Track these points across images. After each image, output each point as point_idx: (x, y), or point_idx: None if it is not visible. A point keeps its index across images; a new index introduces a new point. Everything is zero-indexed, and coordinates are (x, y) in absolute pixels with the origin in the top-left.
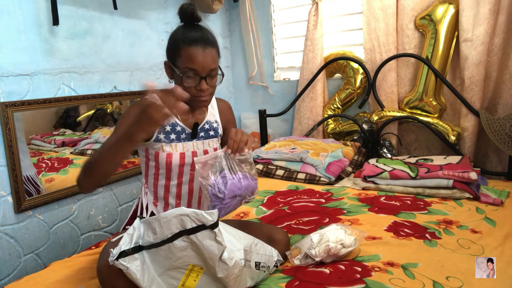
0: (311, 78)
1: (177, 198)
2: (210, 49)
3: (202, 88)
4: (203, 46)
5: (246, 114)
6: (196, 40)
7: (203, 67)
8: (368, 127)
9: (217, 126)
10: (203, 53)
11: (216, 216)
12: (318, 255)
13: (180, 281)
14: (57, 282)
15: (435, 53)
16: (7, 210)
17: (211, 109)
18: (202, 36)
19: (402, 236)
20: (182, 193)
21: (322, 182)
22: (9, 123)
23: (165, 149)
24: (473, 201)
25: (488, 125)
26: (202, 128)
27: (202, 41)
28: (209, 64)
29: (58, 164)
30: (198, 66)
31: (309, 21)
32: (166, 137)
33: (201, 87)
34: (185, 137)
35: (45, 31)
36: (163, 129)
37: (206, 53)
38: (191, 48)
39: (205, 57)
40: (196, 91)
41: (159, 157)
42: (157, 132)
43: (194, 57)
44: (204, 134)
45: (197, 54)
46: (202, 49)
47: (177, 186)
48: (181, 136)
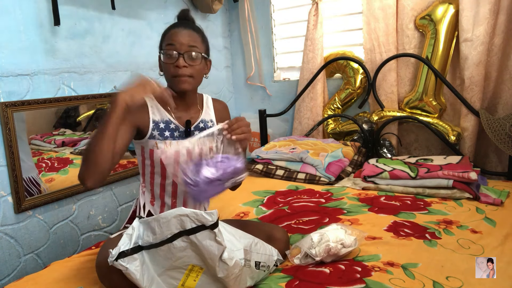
0: (311, 78)
1: (173, 197)
2: (191, 31)
3: (179, 63)
4: (184, 27)
5: (246, 114)
6: (179, 24)
7: (181, 43)
8: (368, 127)
9: (212, 125)
10: (183, 31)
11: (216, 216)
12: (318, 255)
13: (180, 281)
14: (57, 282)
15: (435, 53)
16: (7, 210)
17: (206, 109)
18: (185, 22)
19: (402, 236)
20: (178, 192)
21: (322, 182)
22: (9, 123)
23: (159, 146)
24: (473, 201)
25: (488, 125)
26: (197, 127)
27: (184, 24)
28: (187, 41)
29: (58, 164)
30: (176, 42)
31: (309, 21)
32: (160, 134)
33: (178, 63)
34: (179, 135)
35: (45, 31)
36: (157, 126)
37: (186, 32)
38: (173, 29)
39: (183, 35)
40: (174, 69)
41: (154, 155)
42: (151, 129)
43: (173, 35)
44: (198, 132)
45: (177, 33)
46: (183, 28)
47: (173, 185)
48: (174, 133)
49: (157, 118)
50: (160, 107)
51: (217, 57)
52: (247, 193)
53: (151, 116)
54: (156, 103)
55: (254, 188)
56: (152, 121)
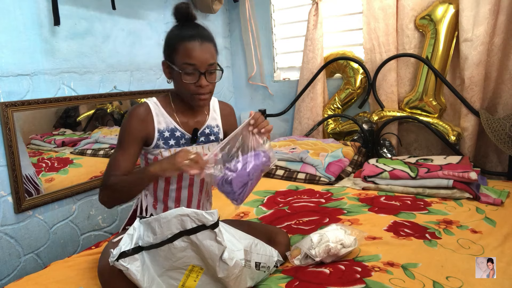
0: (311, 78)
1: (176, 202)
2: (207, 44)
3: (202, 84)
4: (200, 41)
5: (246, 114)
6: (193, 36)
7: (202, 62)
8: (368, 127)
9: (218, 130)
10: (201, 47)
11: (216, 216)
12: (318, 255)
13: (180, 282)
14: (57, 282)
15: (435, 53)
16: (7, 210)
17: (212, 113)
18: (198, 32)
19: (402, 236)
20: (182, 197)
21: (322, 182)
22: (9, 123)
23: (163, 154)
24: (473, 201)
25: (488, 125)
26: (203, 133)
27: (199, 36)
28: (207, 59)
29: (58, 164)
30: (196, 61)
31: (309, 21)
32: (165, 143)
33: (200, 83)
34: (185, 142)
35: (45, 31)
36: (162, 136)
37: (203, 47)
38: (189, 43)
39: (202, 51)
40: (195, 87)
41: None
42: (156, 139)
43: (191, 52)
44: (204, 138)
45: (195, 49)
46: (199, 43)
47: (176, 191)
48: (180, 141)
49: (162, 127)
50: (166, 114)
51: None
52: None
53: (156, 126)
54: (162, 110)
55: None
56: (158, 131)
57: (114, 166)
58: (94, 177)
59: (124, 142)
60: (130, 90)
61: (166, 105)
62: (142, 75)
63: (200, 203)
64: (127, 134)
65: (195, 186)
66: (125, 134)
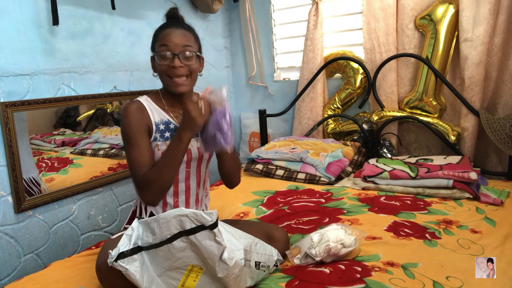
0: (311, 78)
1: (175, 196)
2: (184, 30)
3: (175, 64)
4: (176, 27)
5: (246, 114)
6: (170, 24)
7: (175, 44)
8: (368, 127)
9: None
10: (176, 31)
11: (215, 217)
12: (318, 255)
13: (180, 282)
14: (57, 282)
15: (435, 53)
16: (7, 210)
17: None
18: (177, 22)
19: (402, 236)
20: (179, 191)
21: (322, 182)
22: (9, 123)
23: (160, 147)
24: (473, 201)
25: (488, 125)
26: None
27: (176, 24)
28: (181, 41)
29: (58, 164)
30: (170, 43)
31: (309, 21)
32: (161, 135)
33: (173, 64)
34: None
35: (45, 31)
36: (158, 128)
37: (178, 31)
38: (165, 30)
39: (177, 34)
40: (169, 68)
41: (154, 156)
42: (154, 132)
43: (166, 36)
44: None
45: (170, 33)
46: (174, 28)
47: (174, 184)
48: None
49: (157, 120)
50: (158, 108)
51: (217, 57)
52: (247, 193)
53: (152, 119)
54: (154, 105)
55: (254, 188)
56: (154, 123)
57: (137, 167)
58: (94, 177)
59: (132, 139)
60: (130, 90)
61: (158, 101)
62: (142, 75)
63: (199, 198)
64: (131, 130)
65: (191, 179)
66: (129, 130)
